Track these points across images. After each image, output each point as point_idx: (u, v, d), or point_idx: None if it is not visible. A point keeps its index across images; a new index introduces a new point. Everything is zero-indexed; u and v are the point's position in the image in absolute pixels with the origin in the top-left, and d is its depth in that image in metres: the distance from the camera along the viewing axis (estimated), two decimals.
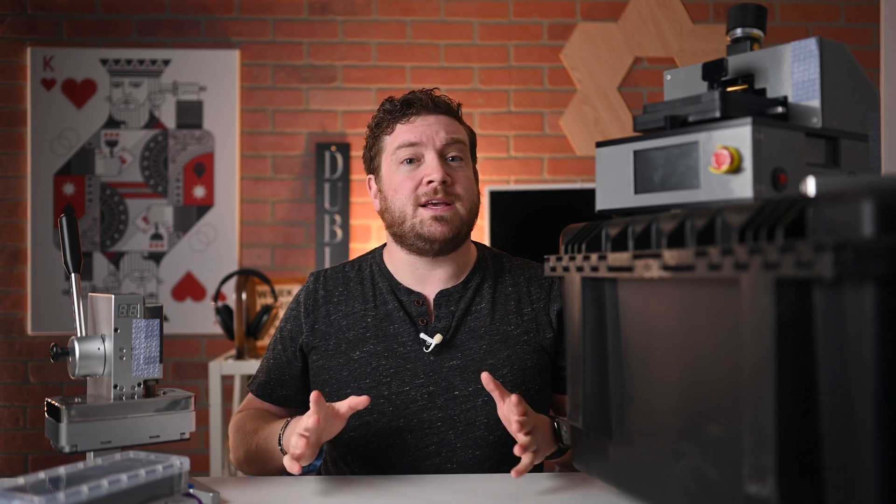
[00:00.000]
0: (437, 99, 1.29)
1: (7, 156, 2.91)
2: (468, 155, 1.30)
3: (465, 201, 1.25)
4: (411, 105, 1.27)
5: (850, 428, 0.59)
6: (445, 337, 1.24)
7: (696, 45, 3.02)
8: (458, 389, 1.23)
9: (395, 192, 1.26)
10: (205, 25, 2.97)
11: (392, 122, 1.28)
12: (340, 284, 1.33)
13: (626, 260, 0.84)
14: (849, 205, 0.58)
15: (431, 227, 1.23)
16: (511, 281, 1.33)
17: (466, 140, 1.30)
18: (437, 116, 1.27)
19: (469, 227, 1.28)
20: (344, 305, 1.30)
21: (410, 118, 1.26)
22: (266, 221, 2.98)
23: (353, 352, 1.25)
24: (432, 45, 3.00)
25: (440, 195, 1.23)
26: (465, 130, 1.31)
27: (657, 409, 0.84)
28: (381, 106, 1.31)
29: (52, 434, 0.96)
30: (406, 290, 1.29)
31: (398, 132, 1.27)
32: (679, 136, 0.84)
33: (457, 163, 1.26)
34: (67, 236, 1.04)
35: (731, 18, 0.93)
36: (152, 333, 1.01)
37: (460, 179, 1.25)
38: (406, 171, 1.25)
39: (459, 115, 1.32)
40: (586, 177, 2.99)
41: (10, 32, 2.92)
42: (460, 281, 1.30)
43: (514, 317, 1.29)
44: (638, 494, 0.90)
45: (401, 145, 1.26)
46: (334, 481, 1.11)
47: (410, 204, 1.24)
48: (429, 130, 1.25)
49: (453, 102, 1.32)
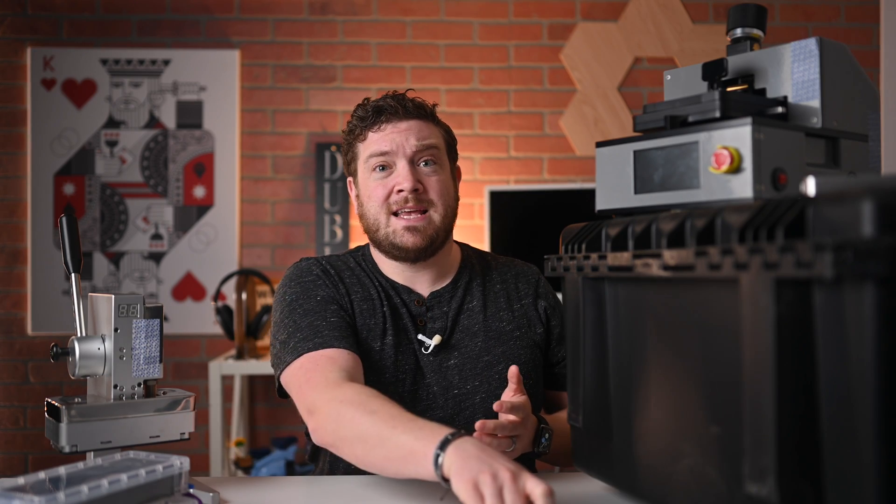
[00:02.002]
0: (407, 104, 1.26)
1: (7, 156, 2.91)
2: (443, 157, 1.29)
3: (438, 206, 1.24)
4: (381, 112, 1.25)
5: (849, 428, 0.59)
6: (444, 337, 1.25)
7: (696, 45, 3.02)
8: (456, 388, 1.23)
9: (368, 199, 1.26)
10: (205, 25, 2.97)
11: (364, 129, 1.27)
12: (345, 270, 1.29)
13: (626, 260, 0.84)
14: (849, 205, 0.58)
15: (404, 238, 1.22)
16: (499, 278, 1.34)
17: (441, 143, 1.29)
18: (408, 122, 1.25)
19: (446, 232, 1.27)
20: (360, 289, 1.26)
21: (381, 126, 1.25)
22: (266, 221, 2.98)
23: (375, 342, 1.22)
24: (432, 45, 3.00)
25: (411, 203, 1.22)
26: (440, 132, 1.30)
27: (657, 409, 0.84)
28: (355, 111, 1.29)
29: (52, 434, 0.96)
30: (406, 289, 1.28)
31: (370, 140, 1.26)
32: (679, 136, 0.84)
33: (430, 167, 1.25)
34: (67, 236, 1.04)
35: (731, 18, 0.93)
36: (152, 333, 1.01)
37: (433, 185, 1.24)
38: (378, 179, 1.25)
39: (434, 116, 1.31)
40: (586, 177, 2.99)
41: (10, 32, 2.92)
42: (449, 281, 1.30)
43: (505, 313, 1.30)
44: (638, 494, 0.90)
45: (372, 154, 1.25)
46: (334, 481, 1.11)
47: (383, 213, 1.24)
48: (399, 138, 1.24)
49: (427, 104, 1.30)
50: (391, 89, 1.32)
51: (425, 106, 1.30)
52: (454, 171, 1.34)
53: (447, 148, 1.32)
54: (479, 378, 1.24)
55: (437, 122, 1.32)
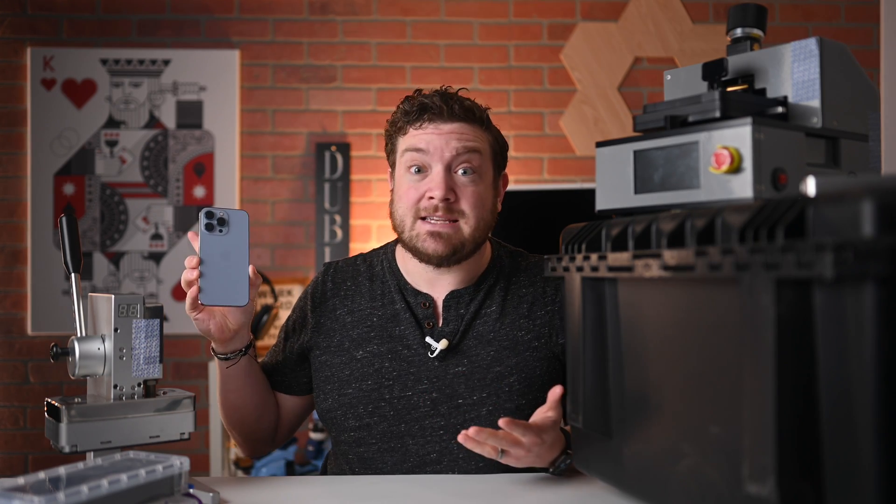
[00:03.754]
0: (454, 106, 1.20)
1: (7, 156, 2.91)
2: (486, 165, 1.23)
3: (470, 219, 1.19)
4: (426, 110, 1.21)
5: (849, 428, 0.59)
6: (452, 342, 1.21)
7: (696, 45, 3.02)
8: (461, 398, 1.19)
9: (399, 199, 1.23)
10: (205, 25, 2.97)
11: (406, 124, 1.23)
12: (349, 278, 1.31)
13: (626, 260, 0.84)
14: (849, 205, 0.58)
15: (426, 243, 1.19)
16: (527, 281, 1.28)
17: (486, 148, 1.23)
18: (451, 125, 1.20)
19: (475, 244, 1.22)
20: (350, 301, 1.28)
21: (423, 124, 1.21)
22: (266, 221, 2.98)
23: (357, 351, 1.24)
24: (432, 45, 3.00)
25: (441, 213, 1.18)
26: (487, 138, 1.25)
27: (657, 409, 0.84)
28: (401, 103, 1.25)
29: (52, 434, 0.96)
30: (413, 291, 1.26)
31: (409, 136, 1.23)
32: (679, 136, 0.84)
33: (468, 176, 1.20)
34: (67, 236, 1.04)
35: (731, 18, 0.93)
36: (152, 333, 1.01)
37: (467, 195, 1.20)
38: (412, 180, 1.21)
39: (485, 120, 1.25)
40: (586, 177, 2.99)
41: (10, 32, 2.92)
42: (472, 283, 1.26)
43: (524, 321, 1.24)
44: (638, 494, 0.90)
45: (408, 149, 1.22)
46: (334, 481, 1.11)
47: (410, 215, 1.21)
48: (438, 141, 1.19)
49: (478, 108, 1.24)
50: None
51: (475, 109, 1.24)
52: (498, 179, 1.29)
53: (493, 155, 1.26)
54: (488, 389, 1.19)
55: (487, 126, 1.26)
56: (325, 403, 1.25)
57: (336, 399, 1.23)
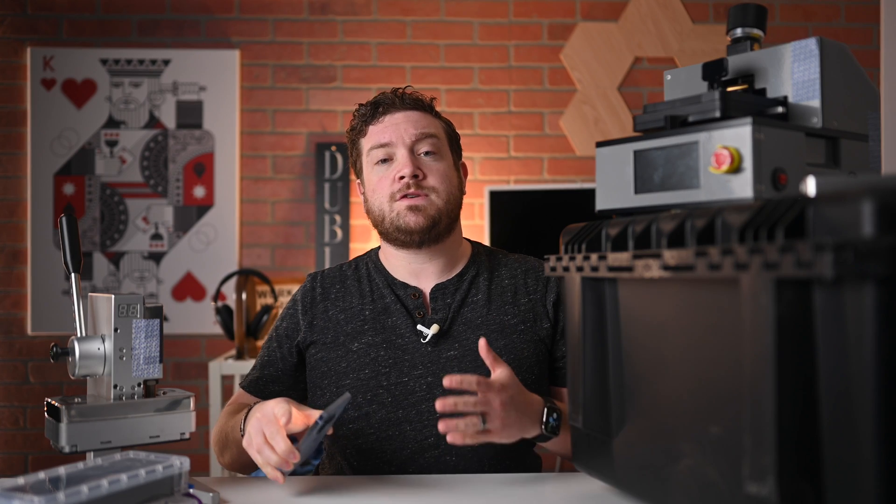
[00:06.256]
0: (403, 96, 1.30)
1: (7, 156, 2.91)
2: (444, 148, 1.31)
3: (440, 193, 1.27)
4: (379, 105, 1.30)
5: (849, 428, 0.59)
6: (442, 328, 1.26)
7: (696, 45, 3.02)
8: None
9: (373, 193, 1.30)
10: (205, 25, 2.97)
11: (364, 125, 1.32)
12: (338, 282, 1.35)
13: (626, 260, 0.84)
14: (849, 205, 0.58)
15: (407, 218, 1.25)
16: (507, 273, 1.34)
17: (441, 133, 1.32)
18: (405, 113, 1.29)
19: (450, 218, 1.29)
20: (341, 301, 1.32)
21: (379, 118, 1.30)
22: (266, 221, 2.98)
23: (352, 343, 1.27)
24: (432, 45, 3.00)
25: (412, 189, 1.25)
26: (439, 124, 1.33)
27: (657, 409, 0.84)
28: (356, 111, 1.34)
29: (52, 434, 0.96)
30: (402, 285, 1.31)
31: (370, 134, 1.31)
32: (679, 136, 0.84)
33: (430, 157, 1.28)
34: (67, 236, 1.04)
35: (731, 18, 0.93)
36: (152, 333, 1.01)
37: (433, 171, 1.27)
38: (381, 171, 1.29)
39: (432, 109, 1.34)
40: (586, 177, 2.99)
41: (10, 32, 2.92)
42: (455, 274, 1.32)
43: (510, 307, 1.30)
44: (638, 494, 0.90)
45: (373, 146, 1.29)
46: (334, 481, 1.11)
47: (387, 200, 1.27)
48: (397, 128, 1.27)
49: (424, 97, 1.33)
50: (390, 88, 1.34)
51: (422, 98, 1.33)
52: (458, 165, 1.36)
53: (449, 140, 1.34)
54: (480, 371, 1.22)
55: (437, 114, 1.35)
56: (322, 399, 1.27)
57: (334, 392, 1.25)
